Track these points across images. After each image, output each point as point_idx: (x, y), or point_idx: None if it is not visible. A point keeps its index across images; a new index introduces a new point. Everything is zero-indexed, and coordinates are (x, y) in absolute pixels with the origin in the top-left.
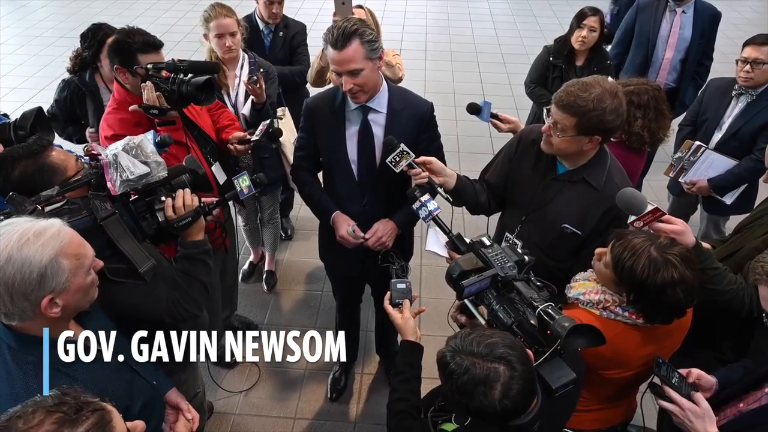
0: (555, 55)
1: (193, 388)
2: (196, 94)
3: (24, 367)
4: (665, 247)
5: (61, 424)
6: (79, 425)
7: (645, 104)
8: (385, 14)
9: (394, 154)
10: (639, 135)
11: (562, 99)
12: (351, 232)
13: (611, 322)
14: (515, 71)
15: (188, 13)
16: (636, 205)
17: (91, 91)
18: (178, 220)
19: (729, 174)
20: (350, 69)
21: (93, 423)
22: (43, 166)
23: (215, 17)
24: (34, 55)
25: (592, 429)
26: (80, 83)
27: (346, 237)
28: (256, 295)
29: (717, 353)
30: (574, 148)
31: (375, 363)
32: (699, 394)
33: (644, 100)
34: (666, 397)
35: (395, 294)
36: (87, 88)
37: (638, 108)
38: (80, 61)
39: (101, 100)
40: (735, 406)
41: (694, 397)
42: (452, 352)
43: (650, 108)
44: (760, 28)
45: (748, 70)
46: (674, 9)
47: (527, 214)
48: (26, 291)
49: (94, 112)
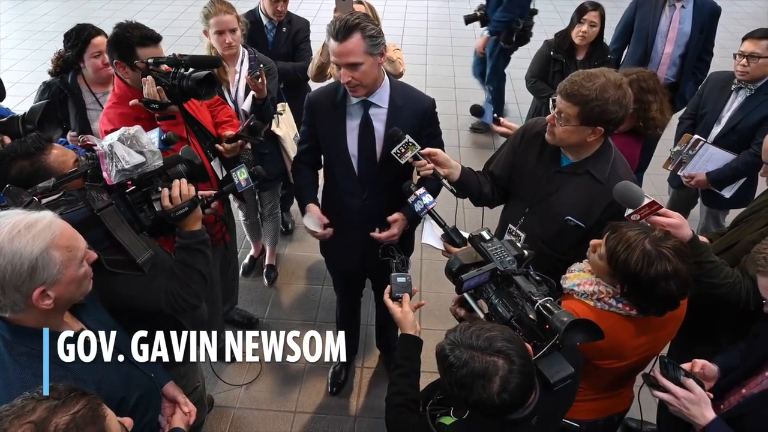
0: (556, 50)
1: (192, 382)
2: (197, 89)
3: (18, 358)
4: (659, 240)
5: (54, 408)
6: (70, 407)
7: (653, 88)
8: (386, 9)
9: (400, 145)
10: (654, 119)
11: (567, 88)
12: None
13: (605, 313)
14: (516, 65)
15: (189, 9)
16: (633, 198)
17: (74, 93)
18: (175, 210)
19: (727, 168)
20: (349, 62)
21: (84, 404)
22: (40, 169)
23: (215, 14)
24: (35, 50)
25: (588, 419)
26: (62, 85)
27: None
28: (256, 290)
29: (715, 347)
30: (577, 138)
31: (375, 357)
32: (691, 380)
33: (651, 85)
34: (660, 387)
35: (395, 288)
36: (69, 90)
37: (649, 93)
38: (62, 62)
39: (83, 102)
40: (738, 392)
41: (687, 383)
42: (451, 345)
43: (657, 91)
44: (762, 22)
45: (744, 64)
46: (673, 4)
47: (531, 206)
48: (17, 283)
49: (76, 115)
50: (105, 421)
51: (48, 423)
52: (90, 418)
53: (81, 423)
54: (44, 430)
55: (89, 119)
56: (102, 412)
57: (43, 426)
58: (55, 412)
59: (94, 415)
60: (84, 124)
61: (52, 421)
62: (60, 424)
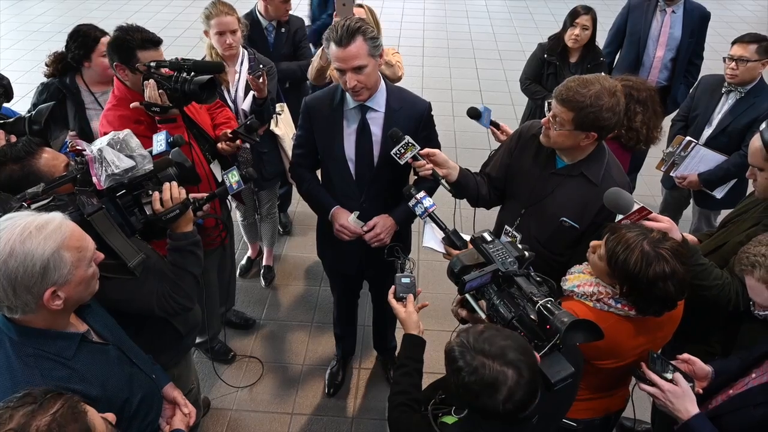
0: (549, 53)
1: (187, 384)
2: (199, 93)
3: (25, 359)
4: (657, 242)
5: (31, 412)
6: (48, 408)
7: (644, 101)
8: (383, 11)
9: (399, 146)
10: (637, 131)
11: (562, 93)
12: (353, 219)
13: (605, 313)
14: (512, 68)
15: (187, 9)
16: (623, 205)
17: (72, 93)
18: (166, 213)
19: (718, 169)
20: (355, 65)
21: (62, 404)
22: (29, 173)
23: (216, 15)
24: (31, 50)
25: (585, 418)
26: (60, 85)
27: (346, 225)
28: (253, 291)
29: (706, 346)
30: (571, 142)
31: (372, 358)
32: (678, 374)
33: (643, 97)
34: (647, 381)
35: (399, 288)
36: (68, 90)
37: (638, 103)
38: (61, 64)
39: (82, 102)
40: (725, 392)
41: (674, 377)
42: (461, 347)
43: (648, 105)
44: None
45: (733, 68)
46: (664, 8)
47: (526, 207)
48: (29, 284)
49: (75, 115)
50: (86, 416)
51: (28, 427)
52: (71, 416)
53: (62, 422)
54: None
55: (88, 118)
56: (82, 408)
57: (24, 431)
58: (33, 416)
59: (74, 413)
60: (83, 123)
61: (32, 424)
62: (41, 426)
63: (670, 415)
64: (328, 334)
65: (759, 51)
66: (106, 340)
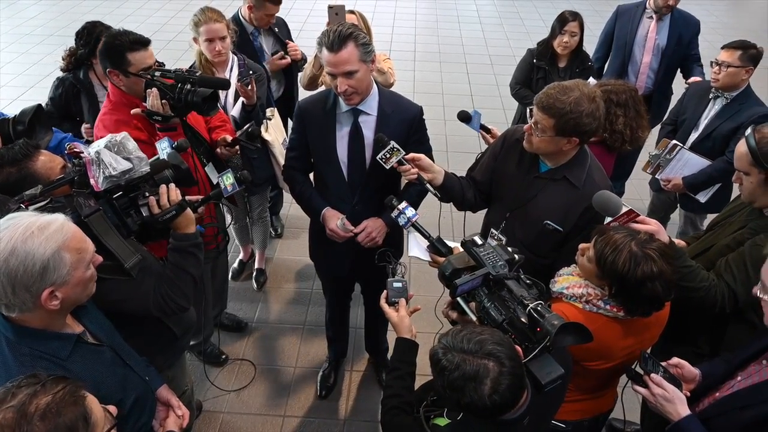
0: (538, 58)
1: (180, 386)
2: (201, 105)
3: (21, 359)
4: (645, 243)
5: (33, 393)
6: (49, 390)
7: (624, 103)
8: (374, 16)
9: (385, 151)
10: (621, 133)
11: (542, 101)
12: (340, 225)
13: (593, 315)
14: (502, 72)
15: (179, 13)
16: (611, 208)
17: (86, 88)
18: (162, 214)
19: (701, 173)
20: (346, 70)
21: (63, 387)
22: (27, 176)
23: (205, 22)
24: (23, 53)
25: (574, 419)
26: (74, 80)
27: (335, 230)
28: (245, 293)
29: (694, 347)
30: (553, 147)
31: (364, 360)
32: (660, 377)
33: (623, 99)
34: (641, 382)
35: (391, 293)
36: (81, 85)
37: (618, 106)
38: (74, 59)
39: (96, 96)
40: (712, 396)
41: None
42: (443, 349)
43: (629, 107)
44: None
45: (716, 71)
46: (651, 15)
47: (511, 211)
48: (28, 283)
49: (89, 108)
50: (86, 401)
51: (28, 405)
52: (70, 400)
53: (61, 404)
54: (25, 413)
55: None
56: (82, 393)
57: (24, 409)
58: (35, 395)
59: (74, 397)
60: (97, 116)
61: (32, 403)
62: (41, 405)
63: (663, 417)
64: (320, 336)
65: (742, 58)
66: (101, 341)
